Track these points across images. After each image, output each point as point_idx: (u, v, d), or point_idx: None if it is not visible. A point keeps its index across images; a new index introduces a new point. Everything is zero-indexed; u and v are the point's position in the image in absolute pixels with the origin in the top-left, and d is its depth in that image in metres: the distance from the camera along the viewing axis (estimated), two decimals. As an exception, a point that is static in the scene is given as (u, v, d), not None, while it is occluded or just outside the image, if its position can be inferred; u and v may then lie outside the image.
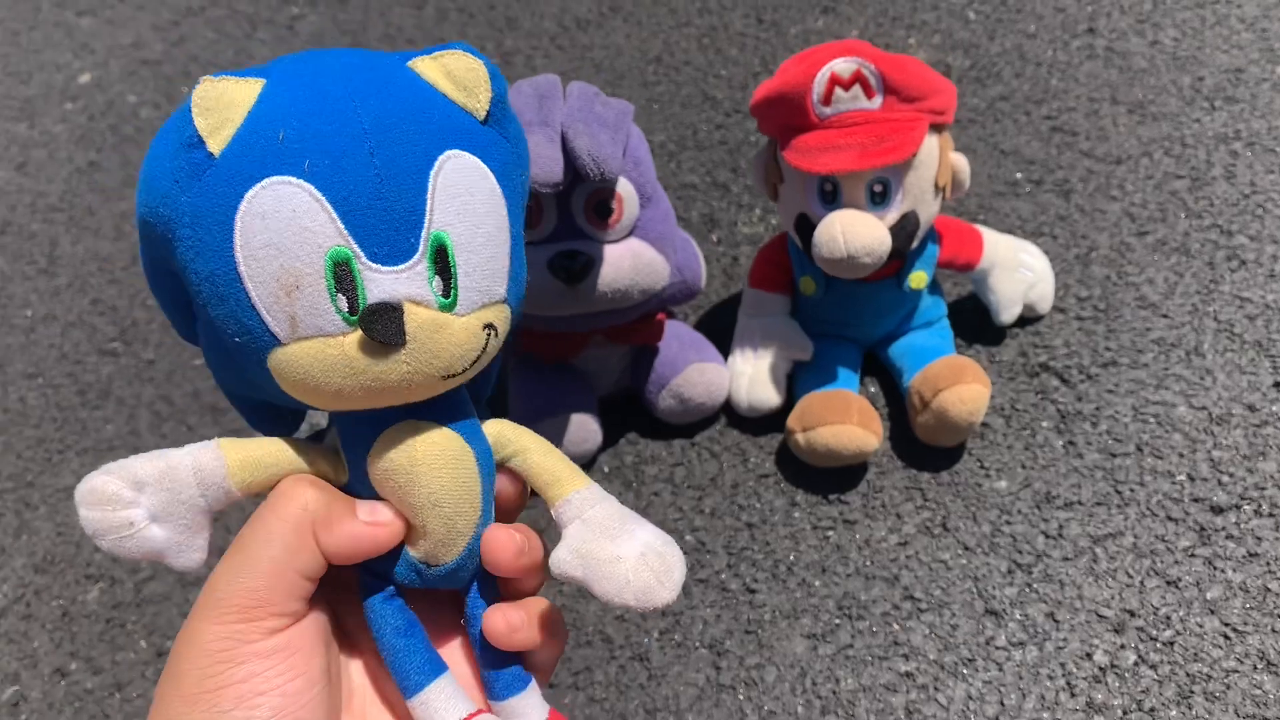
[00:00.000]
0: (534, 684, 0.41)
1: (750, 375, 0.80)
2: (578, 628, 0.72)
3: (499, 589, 0.42)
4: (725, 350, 0.83)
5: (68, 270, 1.07)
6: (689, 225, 1.00)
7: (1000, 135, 1.04)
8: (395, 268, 0.35)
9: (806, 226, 0.72)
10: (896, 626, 0.70)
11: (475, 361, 0.38)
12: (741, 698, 0.68)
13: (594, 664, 0.71)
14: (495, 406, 0.85)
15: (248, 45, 1.34)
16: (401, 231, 0.35)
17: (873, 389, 0.84)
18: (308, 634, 0.36)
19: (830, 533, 0.76)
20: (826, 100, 0.67)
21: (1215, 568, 0.70)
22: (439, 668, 0.39)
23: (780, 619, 0.71)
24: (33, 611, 0.79)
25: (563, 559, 0.38)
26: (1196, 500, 0.74)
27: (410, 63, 0.38)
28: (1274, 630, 0.67)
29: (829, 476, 0.78)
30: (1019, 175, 1.00)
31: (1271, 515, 0.72)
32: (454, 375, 0.37)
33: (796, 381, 0.81)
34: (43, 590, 0.80)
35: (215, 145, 0.34)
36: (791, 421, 0.77)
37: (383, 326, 0.35)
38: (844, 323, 0.81)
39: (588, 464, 0.81)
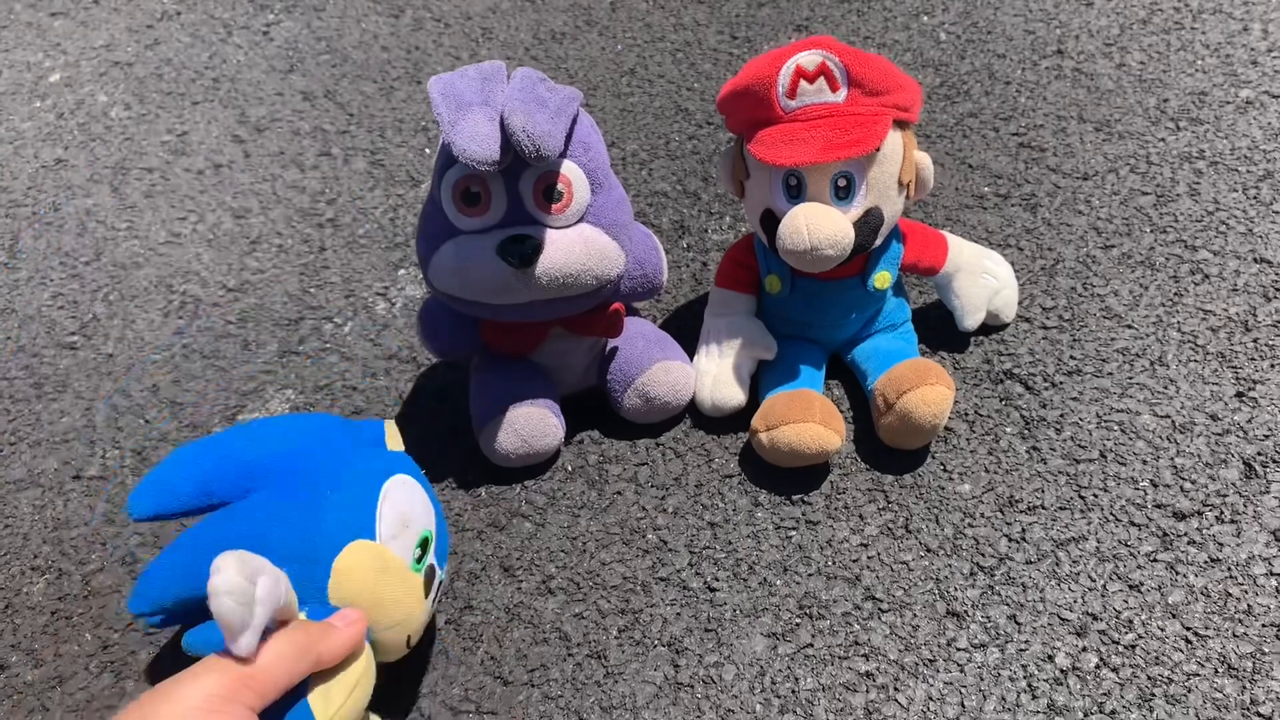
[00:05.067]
0: None
1: (714, 374, 0.80)
2: (535, 625, 0.71)
3: None
4: (694, 352, 0.83)
5: (29, 264, 1.05)
6: (660, 231, 1.00)
7: (969, 150, 1.05)
8: None
9: (772, 221, 0.72)
10: (857, 626, 0.69)
11: None
12: (699, 696, 0.67)
13: (550, 661, 0.69)
14: (458, 403, 0.85)
15: (222, 49, 1.33)
16: None
17: (837, 392, 0.84)
18: None
19: (793, 533, 0.75)
20: (791, 93, 0.68)
21: (1177, 573, 0.70)
22: None
23: (741, 617, 0.70)
24: (-25, 603, 0.76)
25: None
26: (1159, 506, 0.74)
27: None
28: (1234, 634, 0.66)
29: (792, 477, 0.78)
30: (986, 189, 1.00)
31: (1233, 522, 0.72)
32: None
33: (761, 381, 0.81)
34: (-14, 582, 0.78)
35: None
36: (755, 421, 0.76)
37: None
38: (809, 323, 0.80)
39: (550, 461, 0.81)
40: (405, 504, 0.60)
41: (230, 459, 0.58)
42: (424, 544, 0.60)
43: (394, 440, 0.67)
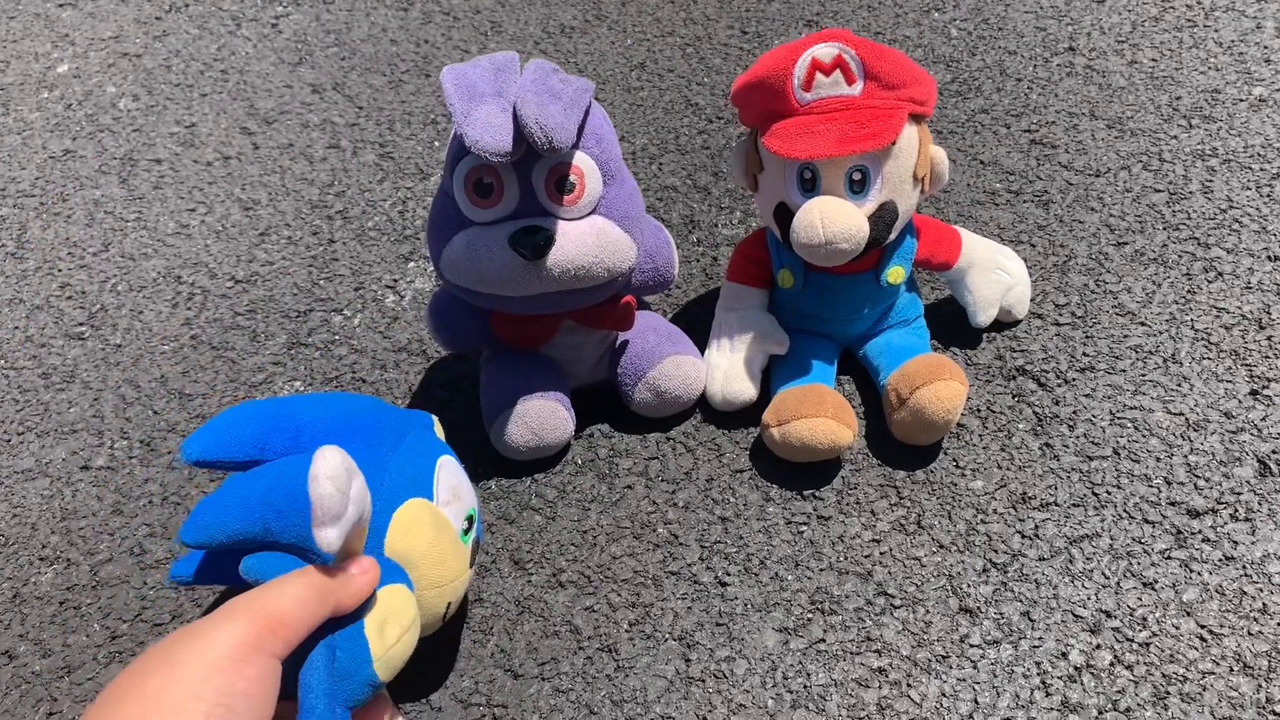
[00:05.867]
0: None
1: (725, 369, 0.79)
2: (545, 618, 0.71)
3: None
4: (704, 347, 0.82)
5: (36, 255, 1.05)
6: (670, 226, 1.00)
7: (980, 147, 1.04)
8: None
9: (785, 215, 0.71)
10: (869, 622, 0.69)
11: None
12: (711, 690, 0.66)
13: (561, 655, 0.69)
14: (468, 395, 0.84)
15: (230, 42, 1.33)
16: None
17: (849, 387, 0.84)
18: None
19: (804, 528, 0.75)
20: (807, 85, 0.67)
21: (1191, 570, 0.70)
22: None
23: (752, 612, 0.70)
24: (-17, 593, 0.76)
25: None
26: (1173, 504, 0.74)
27: None
28: (1249, 633, 0.66)
29: (804, 472, 0.77)
30: (998, 185, 1.00)
31: (1248, 519, 0.72)
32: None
33: (772, 376, 0.81)
34: (-6, 572, 0.77)
35: None
36: (767, 416, 0.76)
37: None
38: (821, 317, 0.80)
39: (560, 454, 0.80)
40: (456, 478, 0.63)
41: (288, 418, 0.58)
42: (469, 520, 0.63)
43: (439, 433, 0.67)
